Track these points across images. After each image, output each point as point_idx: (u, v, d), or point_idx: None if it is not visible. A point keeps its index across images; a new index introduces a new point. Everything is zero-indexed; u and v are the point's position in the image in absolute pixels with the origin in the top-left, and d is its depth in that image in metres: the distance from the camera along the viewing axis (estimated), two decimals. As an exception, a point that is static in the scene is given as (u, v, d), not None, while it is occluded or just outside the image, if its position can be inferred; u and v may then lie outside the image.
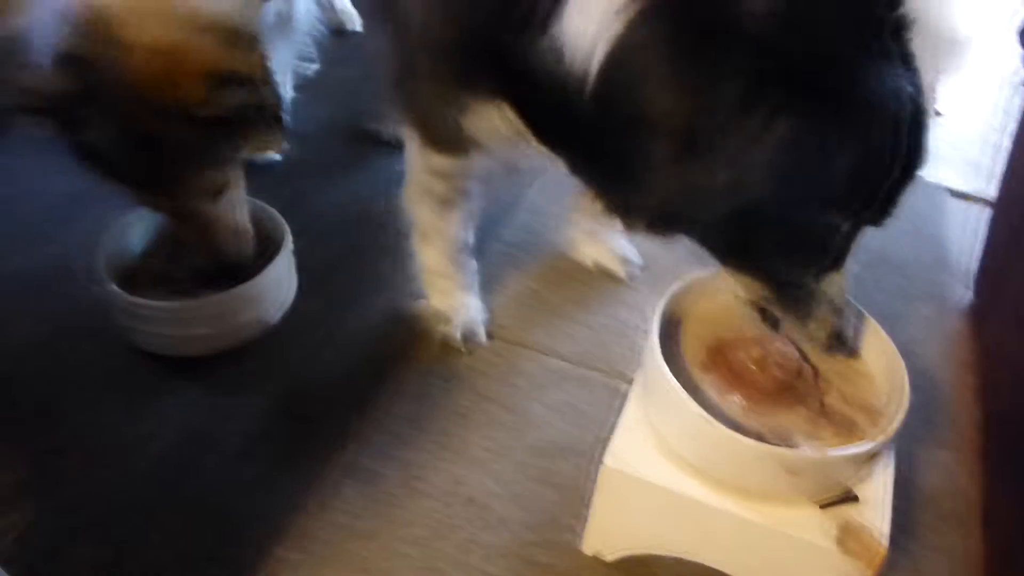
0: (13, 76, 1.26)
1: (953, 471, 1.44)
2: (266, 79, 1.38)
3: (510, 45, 1.06)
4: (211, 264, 1.49)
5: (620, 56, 0.95)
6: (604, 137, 1.03)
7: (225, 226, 1.47)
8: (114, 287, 1.47)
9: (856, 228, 1.02)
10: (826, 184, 0.93)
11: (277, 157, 1.95)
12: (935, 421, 1.52)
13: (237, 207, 1.50)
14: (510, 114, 1.19)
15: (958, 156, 2.18)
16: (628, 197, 1.07)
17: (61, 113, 1.27)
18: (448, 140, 1.34)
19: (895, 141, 0.94)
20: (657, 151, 0.95)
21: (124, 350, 1.53)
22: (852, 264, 1.08)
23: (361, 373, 1.55)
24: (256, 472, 1.38)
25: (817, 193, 0.94)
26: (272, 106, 1.39)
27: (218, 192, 1.44)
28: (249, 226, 1.54)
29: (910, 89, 0.93)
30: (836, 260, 1.05)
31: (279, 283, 1.59)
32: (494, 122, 1.23)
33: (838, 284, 1.07)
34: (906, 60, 0.94)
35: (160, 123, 1.27)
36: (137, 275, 1.58)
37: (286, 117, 1.43)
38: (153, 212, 1.51)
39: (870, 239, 1.05)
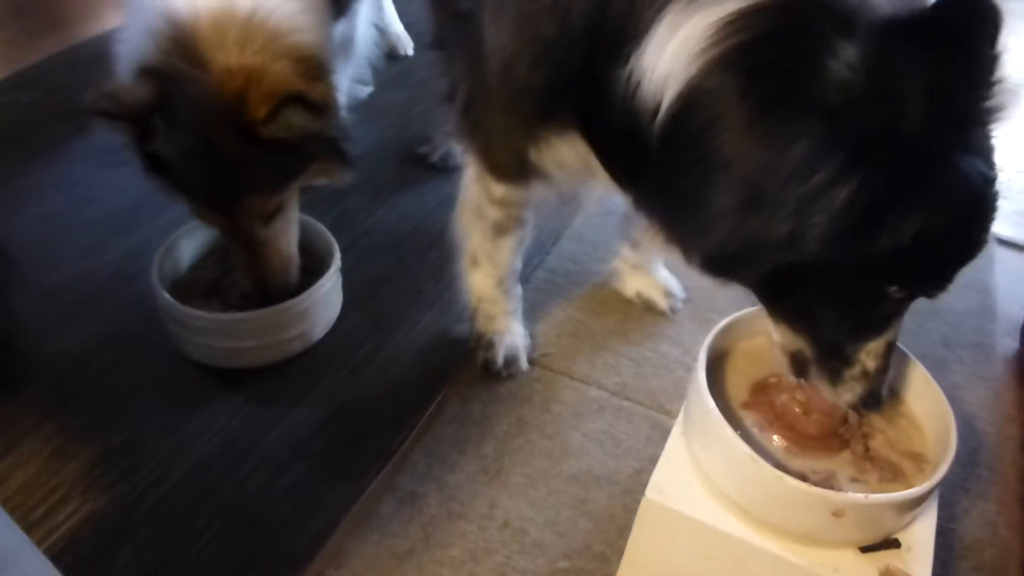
0: (98, 81, 1.31)
1: (994, 521, 1.43)
2: (333, 109, 1.41)
3: (593, 79, 1.07)
4: (253, 287, 1.52)
5: (692, 98, 0.96)
6: (669, 174, 1.04)
7: (273, 251, 1.50)
8: (167, 297, 1.50)
9: (908, 299, 1.02)
10: (883, 253, 0.92)
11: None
12: (976, 470, 1.50)
13: (287, 235, 1.53)
14: (581, 146, 1.20)
15: (1007, 205, 2.14)
16: (687, 236, 1.08)
17: (137, 121, 1.31)
18: (512, 169, 1.35)
19: (964, 224, 0.94)
20: (720, 196, 0.97)
21: (173, 358, 1.57)
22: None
23: (403, 392, 1.56)
24: (295, 485, 1.40)
25: (872, 260, 0.94)
26: (335, 136, 1.42)
27: (272, 216, 1.47)
28: (296, 257, 1.56)
29: (986, 175, 0.93)
30: (880, 328, 1.05)
31: (326, 300, 1.61)
32: (563, 153, 1.24)
33: (878, 351, 1.06)
34: (986, 147, 0.94)
35: (228, 140, 1.32)
36: (189, 286, 1.62)
37: (349, 148, 1.46)
38: (207, 226, 1.55)
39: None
